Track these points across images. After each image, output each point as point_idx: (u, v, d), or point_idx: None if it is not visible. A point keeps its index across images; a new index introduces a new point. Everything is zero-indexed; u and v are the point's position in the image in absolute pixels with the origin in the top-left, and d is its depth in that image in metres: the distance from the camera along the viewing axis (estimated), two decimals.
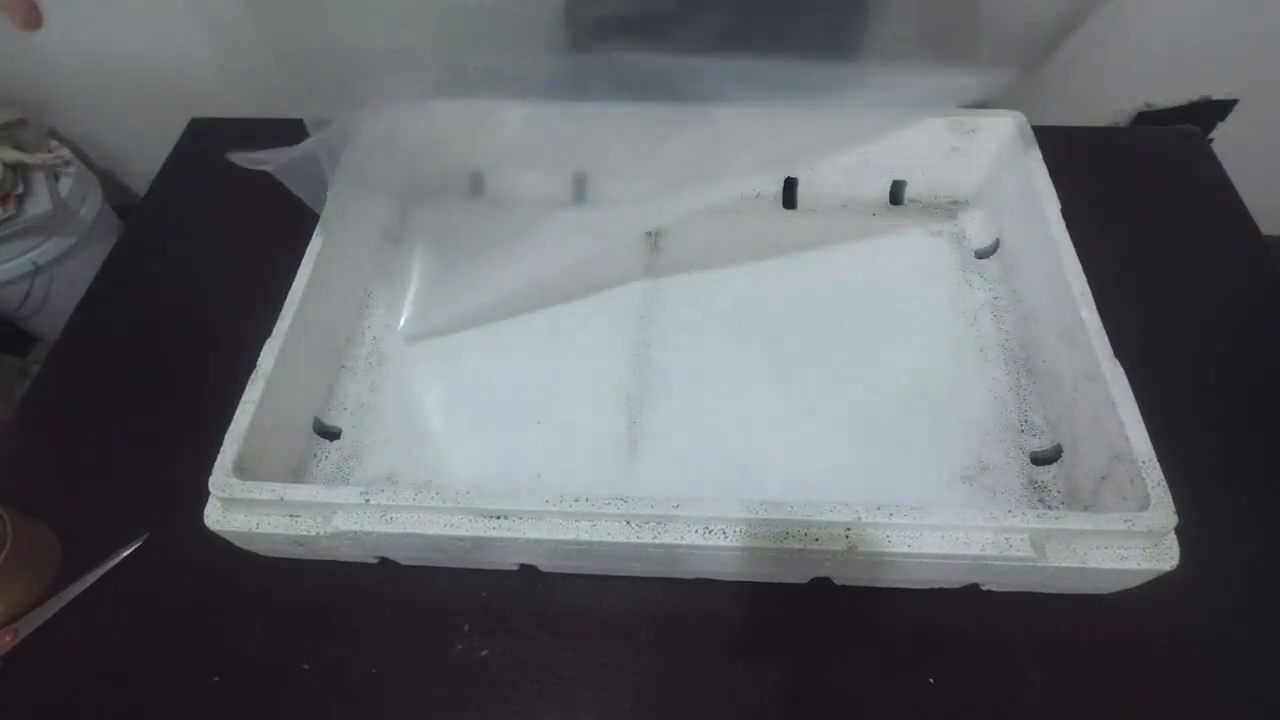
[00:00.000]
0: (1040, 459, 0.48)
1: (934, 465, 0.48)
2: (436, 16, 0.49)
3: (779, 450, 0.49)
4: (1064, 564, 0.39)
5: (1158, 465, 0.39)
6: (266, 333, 0.46)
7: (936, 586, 0.44)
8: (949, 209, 0.61)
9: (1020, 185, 0.54)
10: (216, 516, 0.41)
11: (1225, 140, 1.16)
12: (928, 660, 0.43)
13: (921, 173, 0.60)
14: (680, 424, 0.50)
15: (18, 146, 1.07)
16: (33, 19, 0.42)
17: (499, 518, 0.40)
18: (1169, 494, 0.38)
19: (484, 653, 0.44)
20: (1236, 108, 1.15)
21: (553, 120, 0.58)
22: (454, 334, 0.55)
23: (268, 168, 0.44)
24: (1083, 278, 0.47)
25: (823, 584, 0.44)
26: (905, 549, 0.38)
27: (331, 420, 0.51)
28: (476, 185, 0.63)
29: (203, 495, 0.41)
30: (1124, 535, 0.38)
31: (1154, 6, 1.01)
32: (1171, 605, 0.43)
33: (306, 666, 0.44)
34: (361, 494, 0.40)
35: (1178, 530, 0.38)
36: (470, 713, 0.42)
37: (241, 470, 0.41)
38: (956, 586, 0.44)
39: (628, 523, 0.39)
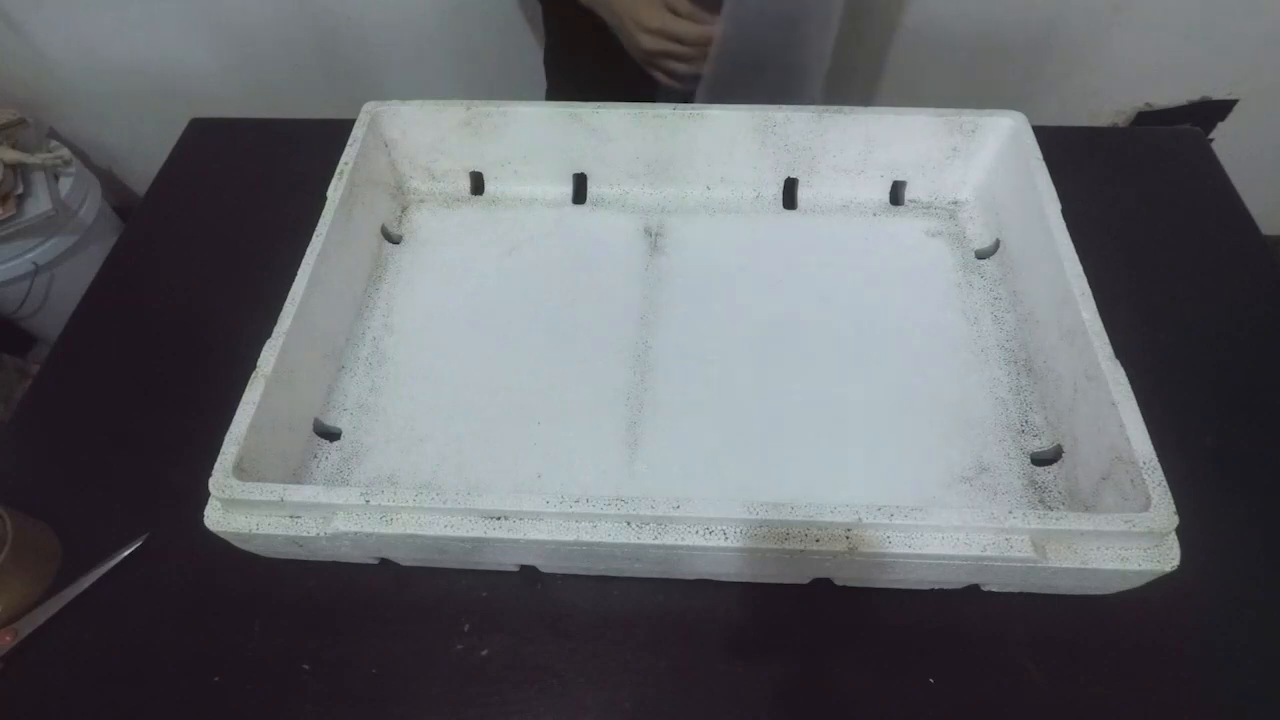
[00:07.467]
0: (1041, 459, 0.48)
1: (934, 466, 0.48)
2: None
3: (779, 451, 0.48)
4: (1065, 564, 0.39)
5: (1158, 466, 0.39)
6: (266, 333, 0.46)
7: (937, 587, 0.44)
8: (949, 209, 0.61)
9: (1020, 185, 0.54)
10: (216, 517, 0.41)
11: (1225, 140, 1.16)
12: (928, 660, 0.43)
13: (921, 173, 0.60)
14: (680, 424, 0.50)
15: (18, 146, 1.08)
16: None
17: (499, 518, 0.40)
18: (1170, 495, 0.38)
19: (484, 653, 0.44)
20: (1236, 108, 1.15)
21: (553, 120, 0.59)
22: (454, 334, 0.55)
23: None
24: (1083, 278, 0.47)
25: (823, 584, 0.44)
26: (906, 550, 0.38)
27: (331, 421, 0.51)
28: (476, 185, 0.63)
29: (203, 496, 0.41)
30: (1125, 536, 0.38)
31: (1154, 6, 1.01)
32: (1172, 606, 0.43)
33: (306, 666, 0.44)
34: (362, 495, 0.40)
35: (1178, 531, 0.39)
36: (470, 713, 0.42)
37: (242, 471, 0.41)
38: (957, 587, 0.44)
39: (628, 524, 0.39)
